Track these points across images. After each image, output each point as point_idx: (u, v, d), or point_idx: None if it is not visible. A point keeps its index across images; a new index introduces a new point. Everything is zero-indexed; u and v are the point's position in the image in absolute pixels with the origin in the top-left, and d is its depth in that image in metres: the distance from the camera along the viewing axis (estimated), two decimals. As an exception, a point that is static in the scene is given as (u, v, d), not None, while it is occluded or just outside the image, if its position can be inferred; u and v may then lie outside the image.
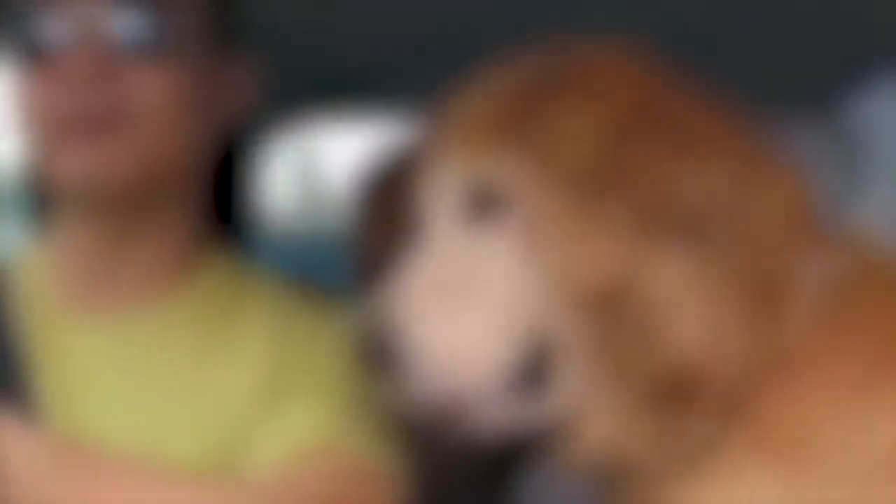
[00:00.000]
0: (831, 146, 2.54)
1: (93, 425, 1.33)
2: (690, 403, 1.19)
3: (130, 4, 1.33)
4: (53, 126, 1.32)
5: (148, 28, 1.33)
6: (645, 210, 1.18)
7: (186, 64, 1.35)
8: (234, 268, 1.44)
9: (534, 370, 1.22)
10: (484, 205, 1.23)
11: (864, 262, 1.24)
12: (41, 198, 1.52)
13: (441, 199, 1.26)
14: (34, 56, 1.33)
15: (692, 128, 1.23)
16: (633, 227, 1.18)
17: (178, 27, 1.35)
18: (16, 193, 1.93)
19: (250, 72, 1.44)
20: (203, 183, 1.43)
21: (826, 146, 2.53)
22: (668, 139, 1.21)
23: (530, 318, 1.21)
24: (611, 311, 1.19)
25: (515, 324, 1.21)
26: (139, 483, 1.26)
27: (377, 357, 1.22)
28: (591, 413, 1.22)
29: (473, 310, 1.22)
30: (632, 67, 1.26)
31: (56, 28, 1.32)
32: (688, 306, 1.18)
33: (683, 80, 1.27)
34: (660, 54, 1.28)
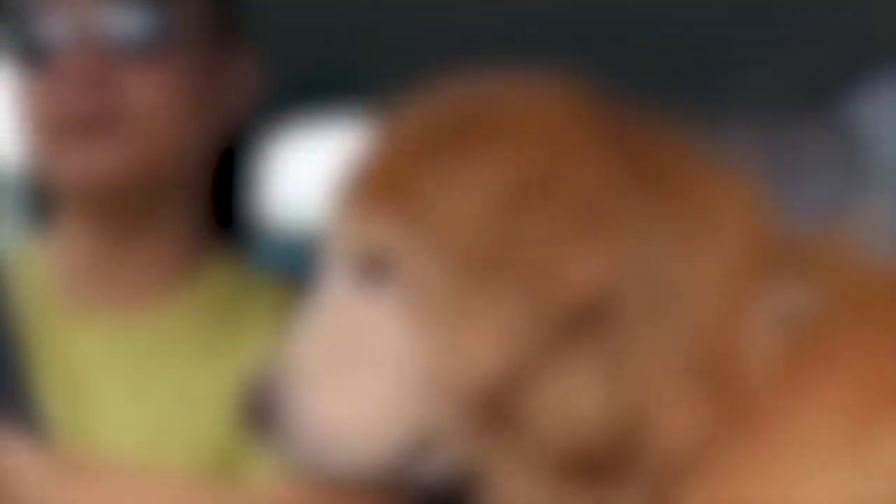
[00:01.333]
0: (832, 148, 2.54)
1: (92, 425, 1.33)
2: (609, 478, 1.12)
3: (129, 3, 1.32)
4: (50, 126, 1.31)
5: (147, 26, 1.33)
6: (536, 298, 1.09)
7: (186, 62, 1.34)
8: (236, 269, 1.43)
9: (423, 440, 1.16)
10: (375, 269, 1.16)
11: (839, 286, 1.14)
12: (41, 196, 1.52)
13: (337, 258, 1.18)
14: (32, 56, 1.33)
15: (603, 199, 1.11)
16: (523, 318, 1.09)
17: (179, 24, 1.34)
18: (16, 191, 1.93)
19: (254, 68, 1.43)
20: (204, 182, 1.42)
21: (827, 148, 2.53)
22: (570, 214, 1.10)
23: (416, 393, 1.14)
24: (497, 406, 1.12)
25: (401, 397, 1.15)
26: (138, 489, 1.26)
27: (259, 418, 1.17)
28: (503, 479, 1.15)
29: (358, 380, 1.16)
30: (550, 119, 1.14)
31: (53, 28, 1.32)
32: (589, 401, 1.10)
33: (622, 121, 1.16)
34: (605, 88, 1.17)
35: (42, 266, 1.41)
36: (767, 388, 1.11)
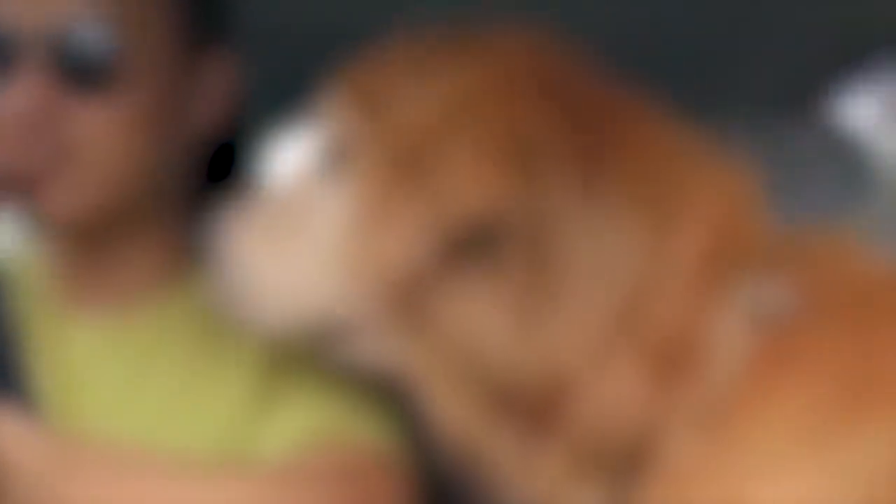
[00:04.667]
0: (827, 148, 2.53)
1: (88, 425, 1.34)
2: (531, 424, 1.15)
3: (90, 22, 1.30)
4: (5, 163, 1.29)
5: (104, 52, 1.30)
6: (439, 209, 1.14)
7: (150, 83, 1.32)
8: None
9: (339, 317, 1.23)
10: (337, 154, 1.23)
11: (818, 285, 1.14)
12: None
13: (311, 139, 1.26)
14: None
15: (528, 137, 1.14)
16: (428, 225, 1.14)
17: (145, 44, 1.32)
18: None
19: (230, 69, 1.41)
20: (186, 183, 1.42)
21: (821, 148, 2.53)
22: (489, 141, 1.13)
23: (338, 273, 1.21)
24: (407, 305, 1.17)
25: (324, 273, 1.22)
26: (142, 476, 1.26)
27: (207, 253, 1.26)
28: (431, 390, 1.20)
29: (293, 247, 1.24)
30: (514, 55, 1.19)
31: (12, 43, 1.30)
32: (494, 327, 1.14)
33: (606, 89, 1.19)
34: (594, 54, 1.21)
35: (40, 264, 1.42)
36: (735, 384, 1.10)
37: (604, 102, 1.19)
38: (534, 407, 1.14)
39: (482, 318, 1.14)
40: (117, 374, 1.36)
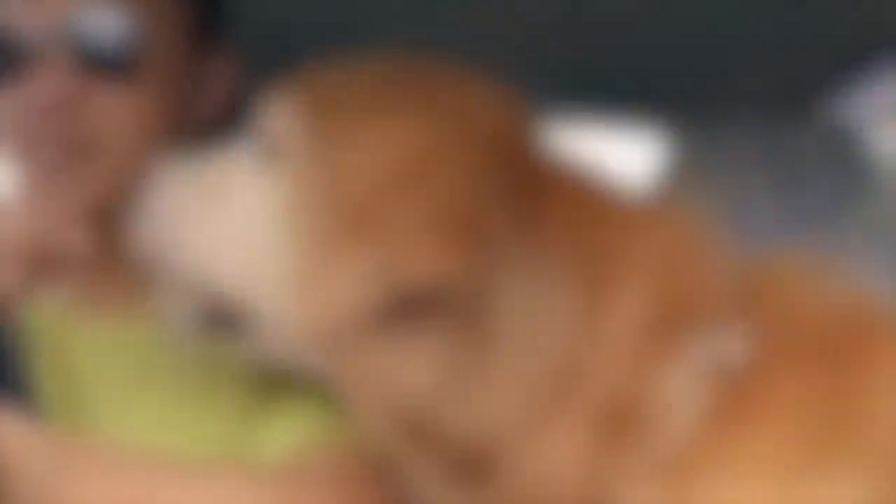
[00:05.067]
0: (824, 149, 2.53)
1: (94, 424, 1.34)
2: (464, 475, 1.15)
3: (110, 13, 1.31)
4: (23, 151, 1.31)
5: (122, 42, 1.31)
6: (383, 269, 1.13)
7: (162, 76, 1.33)
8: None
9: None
10: (277, 153, 1.22)
11: (778, 328, 1.14)
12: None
13: (256, 134, 1.24)
14: (5, 66, 1.31)
15: (471, 206, 1.14)
16: (370, 282, 1.13)
17: (156, 36, 1.33)
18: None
19: (231, 66, 1.42)
20: None
21: (819, 149, 2.53)
22: (438, 205, 1.13)
23: (270, 277, 1.20)
24: (337, 342, 1.17)
25: (255, 258, 1.21)
26: (144, 477, 1.26)
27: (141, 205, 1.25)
28: (363, 415, 1.20)
29: (227, 221, 1.22)
30: (478, 124, 1.18)
31: (28, 36, 1.30)
32: (416, 379, 1.14)
33: (538, 150, 1.19)
34: (532, 98, 1.20)
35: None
36: (696, 435, 1.10)
37: (546, 168, 1.19)
38: (465, 458, 1.15)
39: (415, 373, 1.15)
40: (120, 374, 1.37)
